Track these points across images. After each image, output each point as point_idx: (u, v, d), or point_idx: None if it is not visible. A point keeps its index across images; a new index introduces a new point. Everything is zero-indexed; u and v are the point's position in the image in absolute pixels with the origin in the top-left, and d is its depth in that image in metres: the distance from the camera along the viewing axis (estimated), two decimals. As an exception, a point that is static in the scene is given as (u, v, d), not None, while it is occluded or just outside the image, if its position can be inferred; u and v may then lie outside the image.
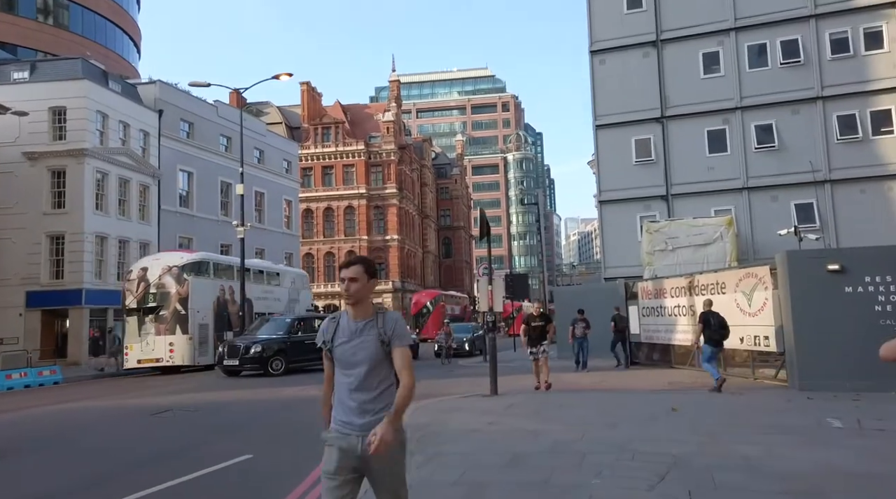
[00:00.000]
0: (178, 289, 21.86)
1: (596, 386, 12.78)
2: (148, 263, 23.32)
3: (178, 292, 21.87)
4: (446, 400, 10.52)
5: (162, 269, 22.41)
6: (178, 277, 22.12)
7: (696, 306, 14.93)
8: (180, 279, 22.05)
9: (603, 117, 26.98)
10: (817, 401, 8.94)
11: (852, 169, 23.61)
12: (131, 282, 22.59)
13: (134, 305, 22.10)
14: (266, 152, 41.26)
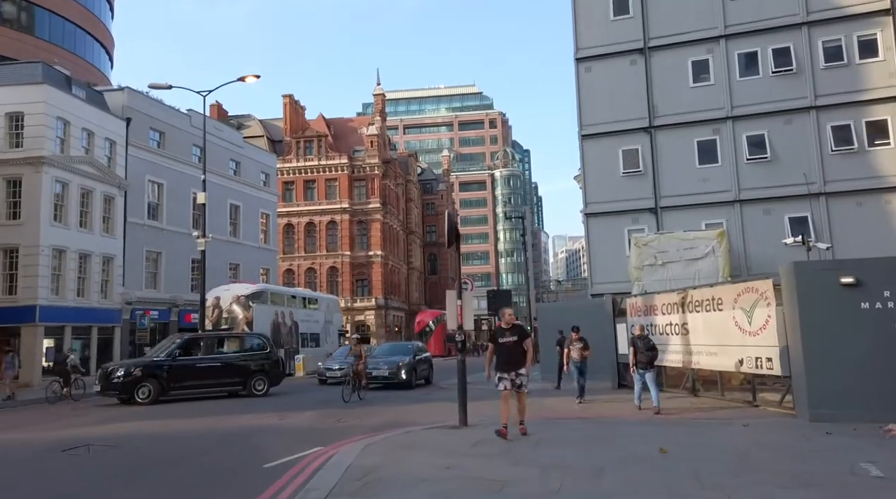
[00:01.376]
0: (244, 314, 26.27)
1: (579, 414, 11.43)
2: (220, 293, 27.82)
3: (244, 317, 26.25)
4: (411, 431, 9.14)
5: (232, 298, 27.08)
6: (244, 304, 26.66)
7: (689, 324, 13.69)
8: (246, 306, 26.55)
9: (589, 127, 25.92)
10: (838, 436, 7.65)
11: (848, 181, 22.63)
12: (207, 308, 25.71)
13: (210, 327, 25.48)
14: (242, 164, 39.87)
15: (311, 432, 10.24)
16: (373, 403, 15.21)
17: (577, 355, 14.02)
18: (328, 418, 11.91)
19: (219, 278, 36.67)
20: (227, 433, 10.58)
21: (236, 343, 19.85)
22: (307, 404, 15.24)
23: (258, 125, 61.95)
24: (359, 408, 13.80)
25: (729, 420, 9.74)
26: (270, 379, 19.05)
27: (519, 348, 8.72)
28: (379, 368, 19.94)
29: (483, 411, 12.11)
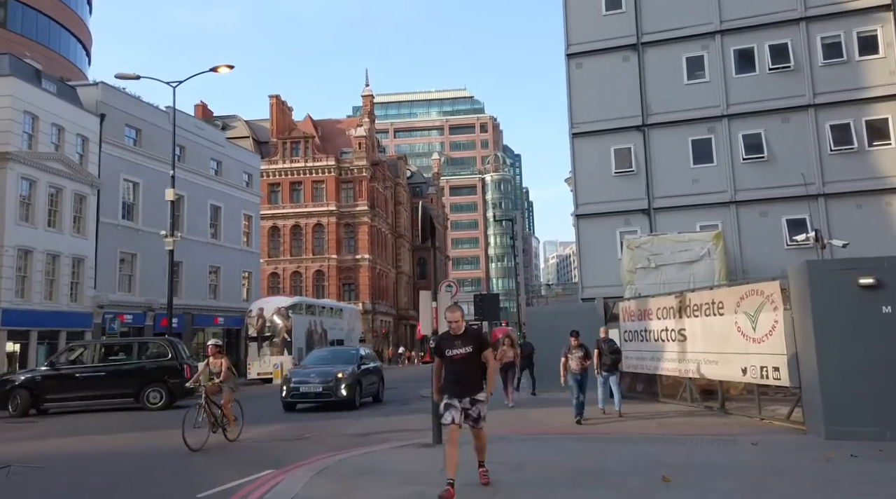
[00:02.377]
0: (284, 323, 29.56)
1: (569, 429, 10.40)
2: (263, 305, 31.58)
3: (284, 325, 29.59)
4: (374, 452, 8.08)
5: (273, 309, 30.39)
6: (284, 314, 29.92)
7: (686, 330, 12.72)
8: (286, 316, 29.81)
9: (580, 125, 25.02)
10: (865, 460, 6.67)
11: (847, 182, 21.83)
12: (252, 318, 30.74)
13: (254, 334, 30.11)
14: (224, 164, 38.70)
15: (268, 451, 9.17)
16: (347, 414, 14.08)
17: (577, 366, 11.37)
18: (291, 431, 10.83)
19: (198, 281, 35.53)
20: (168, 452, 9.43)
21: (132, 351, 17.99)
22: (274, 416, 14.06)
23: (244, 126, 60.77)
24: (329, 419, 12.65)
25: (733, 437, 8.74)
26: (171, 390, 16.78)
27: (474, 364, 6.17)
28: (309, 382, 15.03)
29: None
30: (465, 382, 6.14)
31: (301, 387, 15.02)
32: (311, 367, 16.15)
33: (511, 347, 15.45)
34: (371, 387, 16.87)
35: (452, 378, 6.19)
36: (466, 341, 6.21)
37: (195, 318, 35.11)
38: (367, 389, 16.50)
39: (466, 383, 6.15)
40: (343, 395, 14.84)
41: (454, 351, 6.19)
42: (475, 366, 6.20)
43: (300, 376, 15.40)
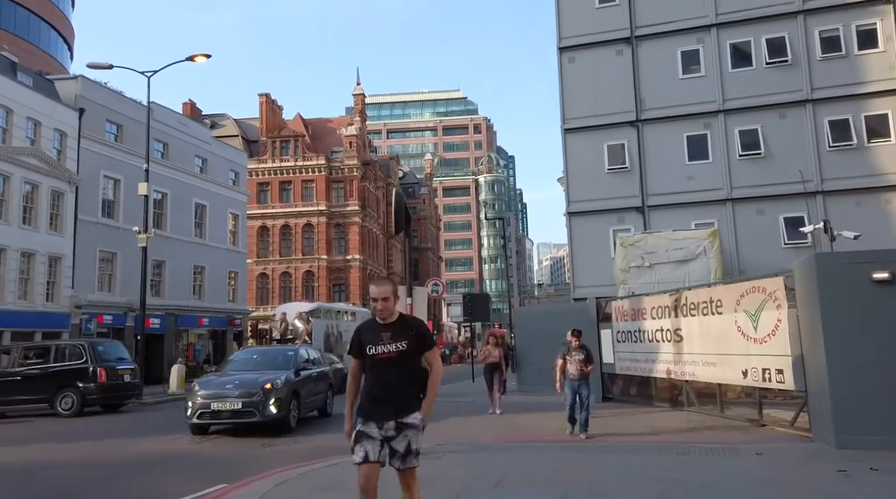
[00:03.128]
0: (305, 327, 30.67)
1: (557, 436, 9.67)
2: (286, 310, 32.84)
3: (305, 329, 30.61)
4: (342, 463, 7.32)
5: (294, 314, 31.42)
6: (305, 319, 30.96)
7: (683, 330, 12.03)
8: (307, 320, 30.97)
9: (572, 120, 24.36)
10: (887, 474, 5.96)
11: (846, 179, 21.25)
12: (276, 322, 31.93)
13: (278, 337, 31.08)
14: (210, 161, 37.84)
15: (225, 461, 8.42)
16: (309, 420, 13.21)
17: (576, 370, 9.68)
18: (254, 440, 10.04)
19: (182, 281, 34.64)
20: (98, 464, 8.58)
21: (49, 354, 16.89)
22: None
23: (233, 124, 59.84)
24: (299, 426, 11.79)
25: (735, 446, 8.04)
26: (83, 395, 15.82)
27: (408, 370, 4.16)
28: (225, 397, 10.92)
29: (443, 432, 10.35)
30: (389, 396, 4.03)
31: (213, 403, 10.78)
32: (231, 374, 12.06)
33: (497, 346, 13.90)
34: (314, 400, 13.11)
35: (372, 391, 4.09)
36: (399, 335, 4.08)
37: (179, 318, 34.24)
38: (309, 401, 12.66)
39: (392, 398, 4.03)
40: (272, 413, 10.78)
41: (378, 348, 4.07)
42: (410, 373, 4.09)
43: (213, 387, 11.27)
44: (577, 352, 9.90)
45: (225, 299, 38.48)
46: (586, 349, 10.03)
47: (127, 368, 16.72)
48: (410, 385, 4.11)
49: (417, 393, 4.12)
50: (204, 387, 11.33)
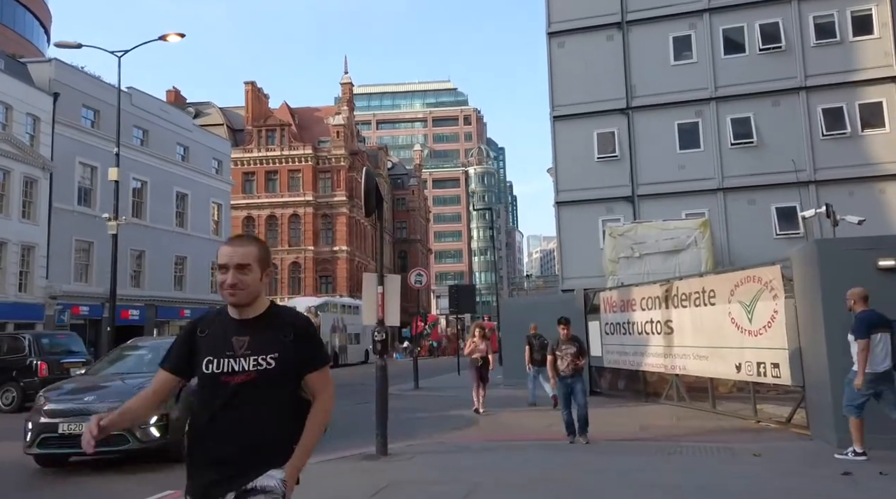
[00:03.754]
0: (315, 320, 32.42)
1: (541, 434, 9.13)
2: (296, 304, 34.36)
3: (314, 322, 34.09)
4: (312, 464, 6.73)
5: (305, 308, 32.36)
6: (314, 313, 32.45)
7: (674, 322, 11.52)
8: (315, 314, 32.17)
9: (561, 107, 23.78)
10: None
11: (839, 169, 20.84)
12: None
13: None
14: (192, 149, 36.95)
15: (176, 464, 7.78)
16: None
17: (567, 366, 8.37)
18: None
19: (162, 271, 33.86)
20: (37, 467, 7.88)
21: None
22: None
23: (218, 113, 58.82)
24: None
25: (730, 446, 7.54)
26: (23, 390, 14.85)
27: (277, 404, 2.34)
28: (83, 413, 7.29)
29: (418, 429, 9.80)
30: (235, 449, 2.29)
31: (63, 424, 7.31)
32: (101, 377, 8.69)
33: (484, 338, 12.62)
34: None
35: (205, 436, 2.33)
36: (264, 342, 2.35)
37: (159, 310, 33.46)
38: None
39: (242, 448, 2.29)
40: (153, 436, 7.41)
41: (225, 363, 2.33)
42: (278, 409, 2.34)
43: (66, 400, 7.77)
44: (567, 345, 8.51)
45: (207, 290, 37.67)
46: (578, 341, 8.73)
47: (76, 361, 15.78)
48: (275, 424, 2.33)
49: (289, 442, 2.35)
50: (53, 399, 7.70)
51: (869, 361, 6.37)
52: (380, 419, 7.01)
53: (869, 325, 6.45)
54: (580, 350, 8.62)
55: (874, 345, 6.42)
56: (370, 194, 7.05)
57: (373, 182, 7.09)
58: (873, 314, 6.52)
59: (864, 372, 6.35)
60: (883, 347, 6.45)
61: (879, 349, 6.43)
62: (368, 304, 7.24)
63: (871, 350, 6.38)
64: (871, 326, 6.45)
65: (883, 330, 6.47)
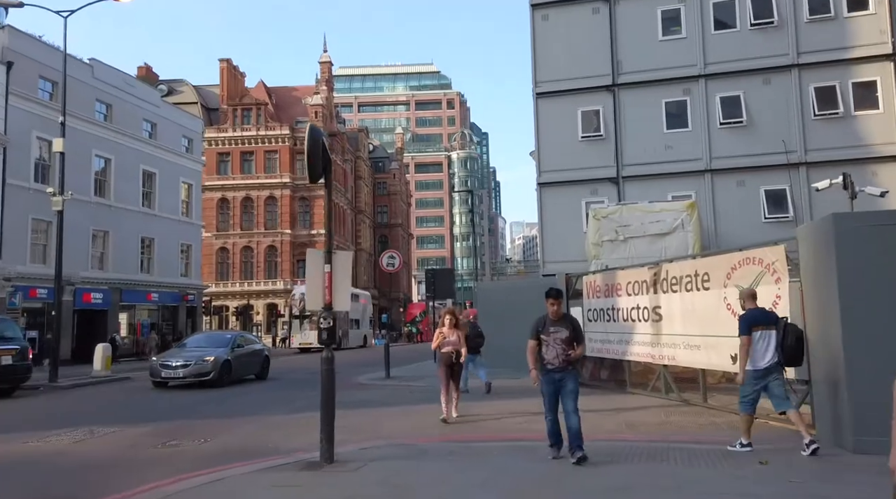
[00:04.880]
0: None
1: (516, 433, 8.15)
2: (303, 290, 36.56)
3: None
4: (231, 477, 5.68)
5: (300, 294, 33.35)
6: None
7: (662, 308, 10.59)
8: None
9: (544, 84, 22.72)
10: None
11: (831, 150, 20.07)
12: (295, 300, 37.84)
13: (297, 314, 36.93)
14: (160, 126, 35.29)
15: (109, 467, 6.72)
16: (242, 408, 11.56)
17: (557, 356, 6.40)
18: (158, 437, 8.34)
19: (127, 253, 32.36)
20: None
21: None
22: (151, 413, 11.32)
23: (192, 91, 56.84)
24: (214, 419, 10.07)
25: (729, 447, 6.60)
26: None
27: None
28: None
29: (379, 426, 8.78)
30: None
31: None
32: None
33: (455, 327, 9.64)
34: None
35: None
36: None
37: (124, 293, 32.02)
38: None
39: None
40: None
41: None
42: None
43: None
44: (556, 327, 6.42)
45: (177, 273, 36.27)
46: (571, 322, 6.60)
47: (8, 349, 14.42)
48: None
49: None
50: None
51: (752, 357, 6.60)
52: (325, 421, 5.94)
53: (750, 322, 6.69)
54: (574, 335, 6.48)
55: (755, 342, 6.63)
56: (315, 156, 5.94)
57: (318, 141, 5.99)
58: (756, 312, 6.78)
59: (747, 369, 6.66)
60: (764, 343, 6.64)
61: (760, 346, 6.63)
62: (313, 285, 6.14)
63: (752, 347, 6.60)
64: (753, 323, 6.68)
65: (764, 327, 6.68)
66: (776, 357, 6.59)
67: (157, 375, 15.08)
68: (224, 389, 14.74)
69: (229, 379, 15.60)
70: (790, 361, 6.70)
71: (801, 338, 6.69)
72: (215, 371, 15.03)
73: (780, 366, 6.64)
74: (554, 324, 6.47)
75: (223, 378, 15.28)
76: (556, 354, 6.38)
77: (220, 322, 51.08)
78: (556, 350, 6.38)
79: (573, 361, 6.43)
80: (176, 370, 14.92)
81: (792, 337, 6.59)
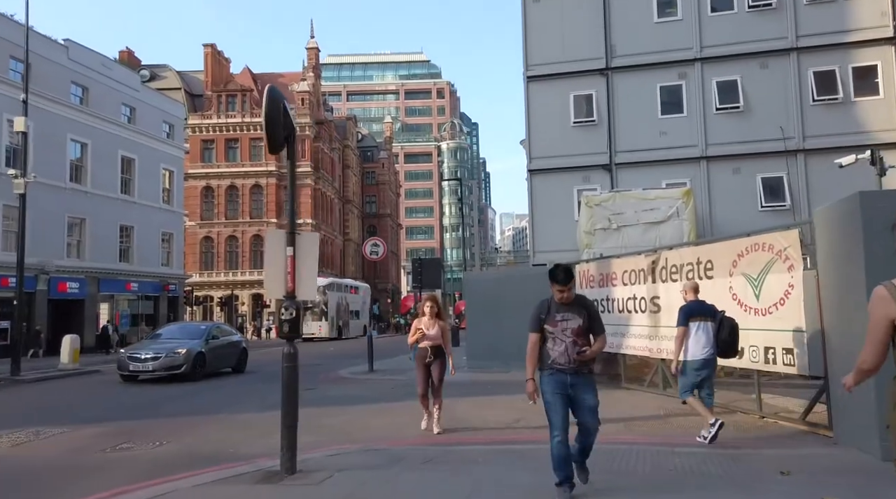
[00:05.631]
0: (322, 298, 37.87)
1: (505, 434, 7.44)
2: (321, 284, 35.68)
3: (322, 300, 38.11)
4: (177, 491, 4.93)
5: None
6: (322, 291, 36.78)
7: (661, 298, 9.92)
8: (323, 293, 37.49)
9: (536, 67, 21.96)
10: None
11: (830, 137, 19.47)
12: None
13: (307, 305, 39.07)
14: (139, 111, 34.21)
15: (41, 476, 5.96)
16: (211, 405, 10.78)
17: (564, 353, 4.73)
18: (110, 439, 7.57)
19: (105, 242, 31.37)
20: None
21: None
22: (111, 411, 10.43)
23: (175, 76, 55.53)
24: (178, 418, 9.30)
25: (739, 451, 5.96)
26: None
27: None
28: None
29: (374, 422, 8.05)
30: None
31: None
32: None
33: (437, 318, 7.72)
34: None
35: None
36: None
37: (102, 283, 31.05)
38: None
39: None
40: None
41: None
42: None
43: None
44: (566, 313, 4.74)
45: (158, 263, 35.33)
46: (586, 307, 4.90)
47: None
48: None
49: None
50: None
51: (690, 348, 6.80)
52: (287, 427, 5.19)
53: (687, 313, 6.91)
54: (591, 324, 4.80)
55: (693, 332, 6.81)
56: (275, 122, 5.17)
57: (278, 104, 5.21)
58: (694, 304, 7.02)
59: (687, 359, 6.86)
60: (700, 335, 6.81)
61: (698, 337, 6.81)
62: (273, 270, 5.37)
63: (691, 337, 6.80)
64: (690, 314, 6.89)
65: (702, 319, 6.88)
66: (713, 349, 6.80)
67: (125, 368, 14.19)
68: (197, 383, 13.96)
69: (203, 372, 14.75)
70: (724, 353, 6.91)
71: (735, 330, 6.89)
72: (187, 364, 14.21)
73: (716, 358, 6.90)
74: (562, 310, 4.76)
75: (196, 371, 14.50)
76: (564, 350, 4.69)
77: (205, 313, 50.10)
78: (566, 345, 4.70)
79: (588, 360, 4.77)
80: (145, 363, 14.02)
81: (726, 330, 6.81)
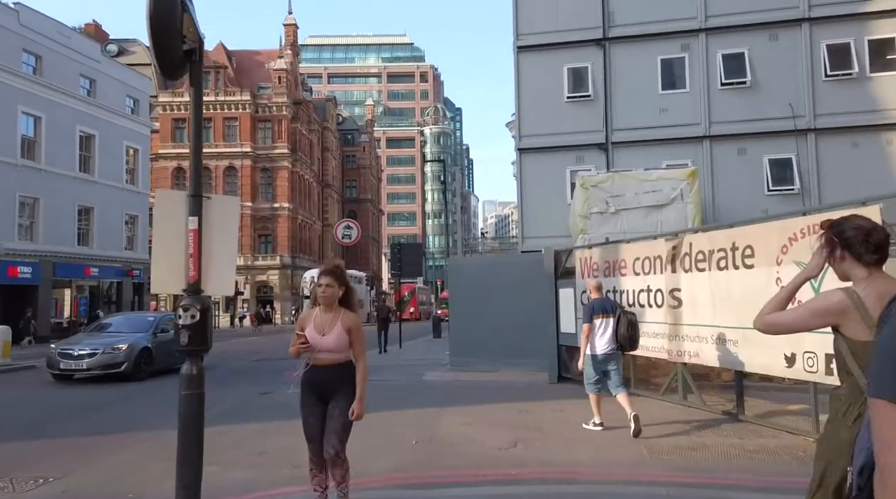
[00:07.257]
0: None
1: (499, 465, 5.78)
2: (314, 274, 34.09)
3: None
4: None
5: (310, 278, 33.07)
6: None
7: (683, 290, 8.33)
8: None
9: (527, 37, 20.21)
10: None
11: (843, 115, 18.07)
12: (306, 282, 38.55)
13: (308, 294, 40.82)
14: (100, 84, 31.90)
15: None
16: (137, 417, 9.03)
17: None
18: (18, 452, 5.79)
19: (61, 223, 29.17)
20: None
21: None
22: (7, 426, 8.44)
23: (145, 51, 52.66)
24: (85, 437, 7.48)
25: None
26: None
27: None
28: None
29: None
30: None
31: None
32: None
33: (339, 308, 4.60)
34: None
35: None
36: None
37: (57, 267, 28.90)
38: None
39: None
40: None
41: None
42: None
43: None
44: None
45: (120, 246, 33.19)
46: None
47: None
48: None
49: None
50: None
51: (595, 344, 7.23)
52: (182, 488, 3.44)
53: (591, 311, 7.32)
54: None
55: (596, 329, 7.25)
56: (166, 28, 3.42)
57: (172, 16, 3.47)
58: (597, 302, 7.42)
59: (586, 354, 7.28)
60: (603, 331, 7.24)
61: (600, 333, 7.25)
62: (164, 252, 3.58)
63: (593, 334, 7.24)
64: (593, 312, 7.29)
65: (604, 316, 7.28)
66: (614, 344, 7.22)
67: (55, 367, 12.32)
68: (139, 383, 12.17)
69: (149, 370, 12.94)
70: (625, 347, 7.32)
71: (634, 325, 7.26)
72: (129, 362, 12.40)
73: (619, 352, 7.33)
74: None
75: (140, 370, 12.74)
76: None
77: (175, 300, 48.00)
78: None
79: None
80: (79, 361, 12.15)
81: (624, 325, 7.19)
